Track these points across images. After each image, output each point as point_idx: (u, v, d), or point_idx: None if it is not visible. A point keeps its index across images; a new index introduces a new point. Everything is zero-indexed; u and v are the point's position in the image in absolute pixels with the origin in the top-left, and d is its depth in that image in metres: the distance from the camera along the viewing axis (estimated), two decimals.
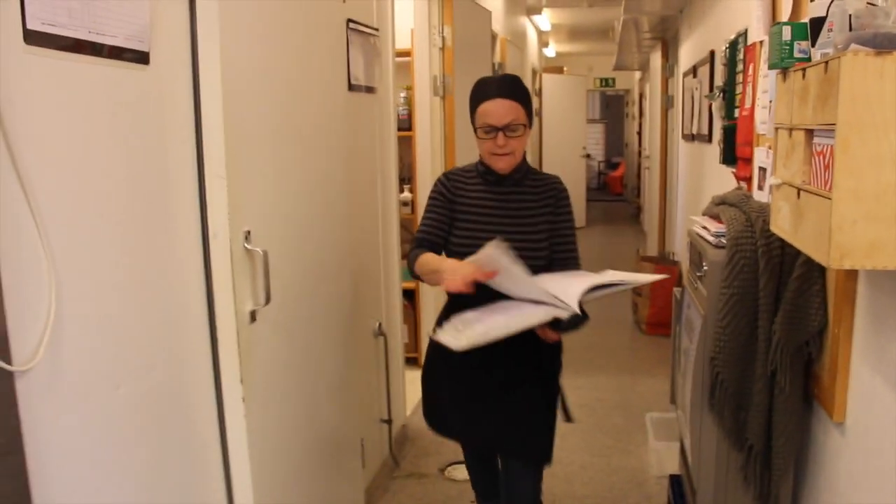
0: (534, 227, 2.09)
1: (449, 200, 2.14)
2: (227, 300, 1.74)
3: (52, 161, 1.25)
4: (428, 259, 2.04)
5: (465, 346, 1.76)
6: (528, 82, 7.01)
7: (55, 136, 1.26)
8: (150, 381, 1.54)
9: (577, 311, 1.78)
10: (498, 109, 2.01)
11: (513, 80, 2.10)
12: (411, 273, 2.11)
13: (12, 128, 1.15)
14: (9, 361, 1.12)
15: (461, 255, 1.97)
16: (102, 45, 1.35)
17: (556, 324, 1.86)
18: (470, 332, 1.81)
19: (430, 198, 2.18)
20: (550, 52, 12.12)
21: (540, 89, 10.48)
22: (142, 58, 1.48)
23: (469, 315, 1.91)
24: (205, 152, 1.69)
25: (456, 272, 1.86)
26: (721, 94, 3.39)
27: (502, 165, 2.07)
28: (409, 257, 2.11)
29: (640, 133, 12.00)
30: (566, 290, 1.82)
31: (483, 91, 2.06)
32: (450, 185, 2.15)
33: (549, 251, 2.11)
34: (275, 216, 1.95)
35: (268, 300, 1.84)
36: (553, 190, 2.14)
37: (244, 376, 1.77)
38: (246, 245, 1.78)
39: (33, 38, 1.18)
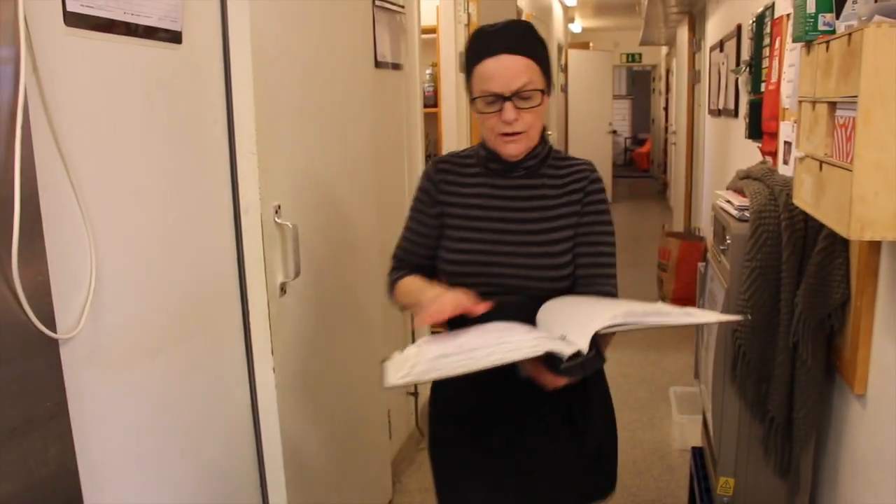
0: (550, 234, 1.49)
1: (434, 201, 1.56)
2: (258, 273, 1.79)
3: (92, 138, 1.30)
4: (409, 286, 1.53)
5: (399, 384, 1.17)
6: (553, 60, 6.95)
7: (94, 113, 1.31)
8: (185, 352, 1.60)
9: (584, 348, 1.18)
10: (504, 70, 1.40)
11: (523, 29, 1.48)
12: (392, 300, 1.61)
13: (54, 106, 1.20)
14: (53, 330, 1.18)
15: (450, 277, 1.51)
16: (137, 25, 1.39)
17: (552, 362, 1.23)
18: (414, 362, 1.20)
19: (414, 198, 1.61)
20: (576, 27, 11.98)
21: (566, 65, 10.42)
22: (174, 37, 1.52)
23: (430, 337, 1.36)
24: (236, 129, 1.74)
25: (435, 302, 1.35)
26: (747, 69, 3.36)
27: (512, 150, 1.47)
28: (387, 280, 1.62)
29: (666, 109, 11.86)
30: (579, 319, 1.27)
31: (482, 45, 1.45)
32: (437, 180, 1.57)
33: (573, 268, 1.51)
34: (304, 191, 1.99)
35: (297, 273, 1.89)
36: (580, 181, 1.52)
37: (275, 347, 1.82)
38: (276, 219, 1.82)
39: (72, 19, 1.23)
